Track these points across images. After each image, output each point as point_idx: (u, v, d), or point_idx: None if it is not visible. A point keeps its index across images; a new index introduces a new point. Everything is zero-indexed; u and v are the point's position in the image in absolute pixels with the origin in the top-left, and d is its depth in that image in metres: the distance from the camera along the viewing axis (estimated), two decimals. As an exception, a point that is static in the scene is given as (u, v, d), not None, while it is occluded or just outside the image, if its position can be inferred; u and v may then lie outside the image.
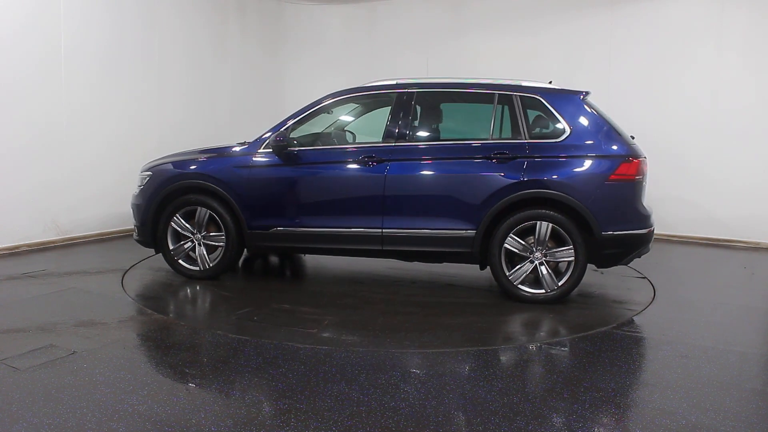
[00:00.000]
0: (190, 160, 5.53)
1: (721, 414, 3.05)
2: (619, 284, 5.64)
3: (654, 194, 5.68)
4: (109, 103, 7.28)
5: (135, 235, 5.66)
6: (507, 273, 4.89)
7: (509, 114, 5.08)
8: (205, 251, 5.39)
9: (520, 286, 4.90)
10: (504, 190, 4.83)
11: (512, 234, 4.86)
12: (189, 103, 8.39)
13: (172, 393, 3.17)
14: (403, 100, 5.20)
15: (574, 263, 4.80)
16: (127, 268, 5.78)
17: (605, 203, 4.76)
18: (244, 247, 5.42)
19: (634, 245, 4.87)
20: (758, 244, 7.53)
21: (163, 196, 5.40)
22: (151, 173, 5.55)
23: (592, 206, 4.74)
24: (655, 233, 5.03)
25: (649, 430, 2.88)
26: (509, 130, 5.05)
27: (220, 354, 3.81)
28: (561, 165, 4.83)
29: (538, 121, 5.07)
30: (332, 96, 5.43)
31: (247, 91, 9.43)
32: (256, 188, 5.26)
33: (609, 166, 4.79)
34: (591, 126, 4.91)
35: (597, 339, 4.16)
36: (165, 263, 5.57)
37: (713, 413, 3.06)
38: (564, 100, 5.00)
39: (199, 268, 5.42)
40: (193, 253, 5.43)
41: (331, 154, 5.34)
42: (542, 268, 4.84)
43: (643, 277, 5.87)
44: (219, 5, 8.89)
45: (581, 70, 8.21)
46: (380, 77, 5.96)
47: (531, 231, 4.85)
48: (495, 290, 5.25)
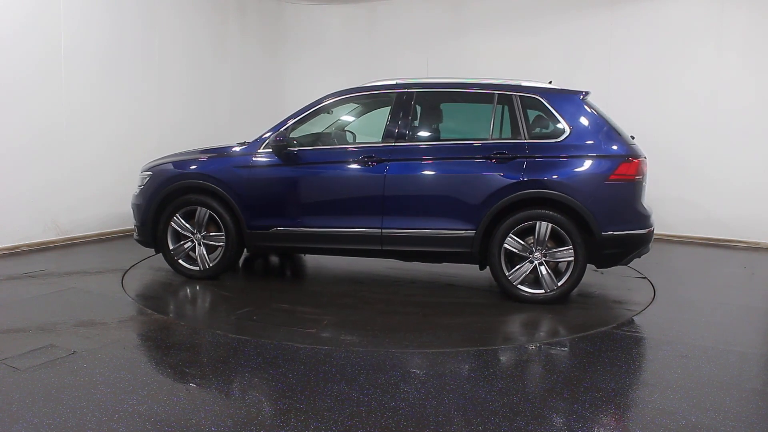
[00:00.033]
0: (190, 160, 5.53)
1: (721, 414, 3.05)
2: (619, 284, 5.64)
3: (654, 194, 5.68)
4: (109, 103, 7.28)
5: (135, 235, 5.67)
6: (507, 273, 4.89)
7: (509, 114, 5.08)
8: (205, 251, 5.40)
9: (519, 286, 4.90)
10: (504, 190, 4.83)
11: (512, 234, 4.86)
12: (189, 103, 8.39)
13: (172, 393, 3.17)
14: (403, 100, 5.20)
15: (573, 263, 4.80)
16: (127, 268, 5.79)
17: (605, 203, 4.76)
18: (243, 247, 5.43)
19: (633, 245, 4.87)
20: (758, 244, 7.53)
21: (163, 196, 5.40)
22: (151, 173, 5.56)
23: (591, 206, 4.74)
24: (655, 233, 5.03)
25: (649, 430, 2.88)
26: (509, 130, 5.05)
27: (220, 354, 3.81)
28: (561, 165, 4.83)
29: (538, 121, 5.07)
30: (332, 96, 5.43)
31: (247, 91, 9.43)
32: (256, 188, 5.26)
33: (609, 166, 4.78)
34: (591, 126, 4.91)
35: (597, 339, 4.16)
36: (165, 263, 5.58)
37: (713, 413, 3.06)
38: (564, 100, 5.00)
39: (199, 268, 5.42)
40: (193, 253, 5.43)
41: (330, 154, 5.34)
42: (542, 268, 4.84)
43: (643, 277, 5.87)
44: (219, 5, 8.89)
45: (581, 70, 8.21)
46: (380, 77, 5.95)
47: (531, 231, 4.85)
48: (494, 290, 5.25)
